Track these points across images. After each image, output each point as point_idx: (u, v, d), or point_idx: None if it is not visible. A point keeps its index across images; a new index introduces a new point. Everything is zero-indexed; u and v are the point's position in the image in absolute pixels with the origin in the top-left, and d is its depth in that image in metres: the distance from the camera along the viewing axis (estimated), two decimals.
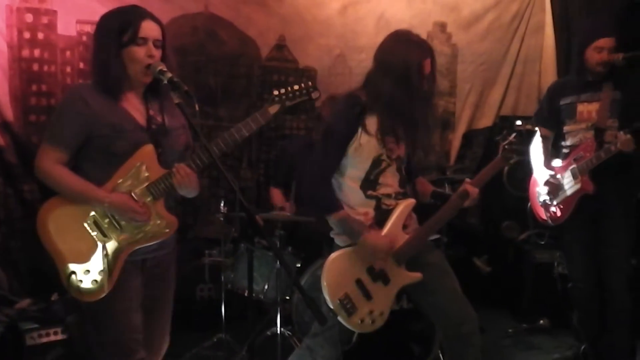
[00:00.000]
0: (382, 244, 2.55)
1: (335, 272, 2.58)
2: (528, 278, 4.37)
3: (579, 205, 3.32)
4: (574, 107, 3.37)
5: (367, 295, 2.61)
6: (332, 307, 2.55)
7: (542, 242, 4.39)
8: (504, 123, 4.99)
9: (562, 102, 3.42)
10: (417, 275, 2.64)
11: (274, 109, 2.33)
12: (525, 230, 4.66)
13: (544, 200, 3.48)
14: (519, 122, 4.69)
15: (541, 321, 4.25)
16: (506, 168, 4.38)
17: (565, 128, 3.41)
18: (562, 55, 5.08)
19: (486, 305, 2.69)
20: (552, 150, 3.53)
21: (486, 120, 5.22)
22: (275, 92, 2.34)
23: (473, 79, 5.14)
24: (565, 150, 3.42)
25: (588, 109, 3.34)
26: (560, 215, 3.41)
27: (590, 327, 3.49)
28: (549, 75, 5.17)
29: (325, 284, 2.55)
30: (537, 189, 3.55)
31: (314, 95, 2.37)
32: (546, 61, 5.20)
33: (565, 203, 3.38)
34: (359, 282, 2.60)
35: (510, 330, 4.23)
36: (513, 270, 4.57)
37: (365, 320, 2.61)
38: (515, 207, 4.65)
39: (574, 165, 3.31)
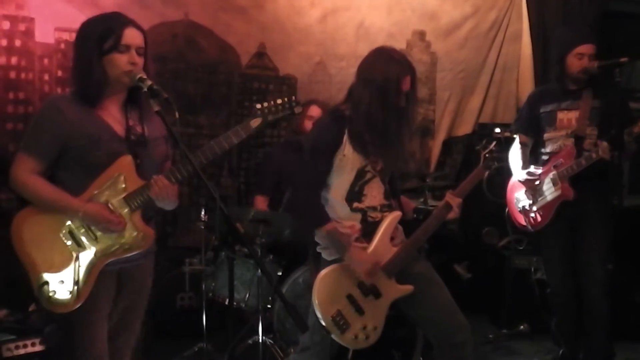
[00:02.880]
0: (366, 261, 2.55)
1: (326, 289, 2.56)
2: (508, 284, 4.41)
3: (557, 211, 3.36)
4: (554, 114, 3.41)
5: (360, 311, 2.60)
6: (325, 324, 2.53)
7: (521, 248, 4.43)
8: (482, 130, 5.04)
9: (542, 110, 3.46)
10: (408, 288, 2.64)
11: (255, 123, 2.31)
12: (504, 236, 4.69)
13: (523, 206, 3.51)
14: (497, 130, 4.75)
15: (521, 326, 4.28)
16: (486, 175, 4.42)
17: (545, 135, 3.45)
18: (539, 63, 5.14)
19: (466, 311, 2.70)
20: (530, 157, 3.56)
21: (465, 128, 5.26)
22: (258, 106, 2.33)
23: (452, 86, 5.19)
24: (544, 157, 3.46)
25: (568, 116, 3.38)
26: (541, 221, 3.44)
27: (568, 331, 3.53)
28: (527, 83, 5.23)
29: (317, 302, 2.53)
30: (516, 194, 3.59)
31: (297, 110, 2.36)
32: (523, 69, 5.26)
33: (545, 209, 3.41)
34: (350, 298, 2.59)
35: (490, 336, 4.26)
36: (493, 276, 4.60)
37: (359, 336, 2.59)
38: (495, 213, 4.68)
39: (554, 172, 3.34)
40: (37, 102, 3.98)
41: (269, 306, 3.66)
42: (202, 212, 3.70)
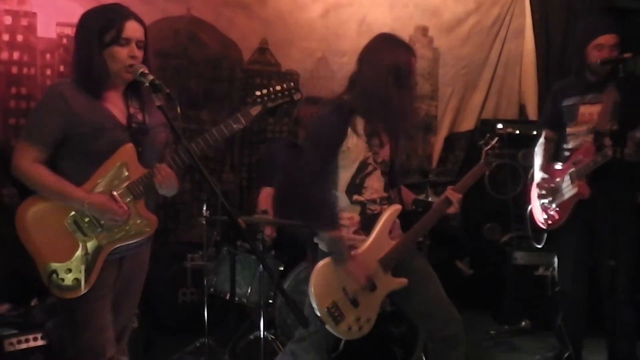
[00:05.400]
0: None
1: (322, 280, 2.57)
2: (509, 280, 4.40)
3: (575, 210, 3.25)
4: (576, 108, 3.27)
5: (354, 302, 2.61)
6: (319, 315, 2.54)
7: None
8: (485, 126, 5.03)
9: (564, 103, 3.33)
10: (402, 281, 2.65)
11: (255, 110, 2.32)
12: (506, 232, 4.70)
13: (543, 203, 3.42)
14: (500, 126, 4.80)
15: (523, 323, 4.27)
16: (487, 171, 4.40)
17: (568, 130, 3.32)
18: (542, 59, 5.13)
19: (468, 307, 2.71)
20: (557, 152, 3.43)
21: (468, 124, 5.25)
22: (257, 93, 2.34)
23: (454, 82, 5.18)
24: (566, 153, 3.34)
25: (590, 110, 3.24)
26: (558, 219, 3.34)
27: (574, 331, 3.43)
28: (529, 79, 5.22)
29: (313, 291, 2.54)
30: (538, 192, 3.46)
31: (296, 96, 2.37)
32: (526, 65, 5.26)
33: (562, 207, 3.31)
34: (345, 289, 2.60)
35: (492, 332, 4.25)
36: (495, 272, 4.60)
37: (352, 327, 2.60)
38: (497, 209, 4.69)
39: (572, 169, 3.23)
40: (39, 98, 3.97)
41: (270, 302, 3.66)
42: (204, 208, 3.70)
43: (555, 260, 3.49)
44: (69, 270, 2.19)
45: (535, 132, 4.81)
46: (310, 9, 4.76)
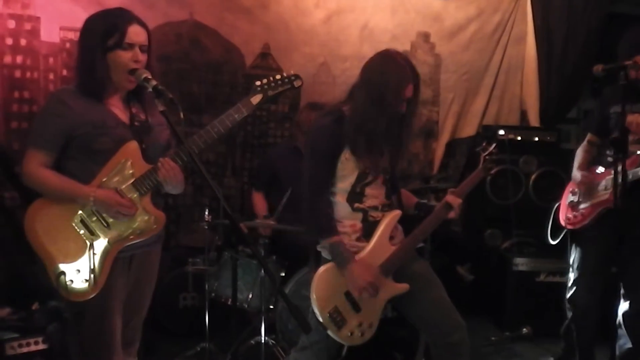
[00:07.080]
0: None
1: (324, 285, 2.57)
2: (510, 286, 4.40)
3: (603, 218, 3.17)
4: (625, 117, 3.12)
5: (356, 307, 2.61)
6: (321, 320, 2.54)
7: (525, 251, 4.24)
8: (486, 132, 5.04)
9: (612, 110, 3.24)
10: (404, 287, 2.64)
11: (256, 99, 2.32)
12: (508, 238, 4.70)
13: (571, 201, 3.36)
14: (501, 132, 4.80)
15: (524, 329, 4.27)
16: (488, 178, 4.40)
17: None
18: (543, 65, 5.14)
19: (469, 313, 2.70)
20: (599, 157, 3.35)
21: (469, 130, 5.25)
22: (258, 83, 2.34)
23: (456, 88, 5.18)
24: (609, 159, 3.23)
25: (638, 120, 3.13)
26: (581, 220, 3.28)
27: (585, 340, 3.39)
28: (531, 85, 5.22)
29: (314, 297, 2.54)
30: (572, 189, 3.42)
31: (297, 83, 2.38)
32: (528, 71, 5.26)
33: (590, 209, 3.25)
34: (347, 294, 2.60)
35: (493, 338, 4.25)
36: (496, 278, 4.60)
37: (354, 332, 2.61)
38: (498, 215, 4.69)
39: (611, 176, 3.09)
40: (42, 101, 3.98)
41: (271, 307, 3.66)
42: (206, 212, 3.71)
43: (572, 268, 3.40)
44: (78, 271, 2.20)
45: (536, 138, 4.85)
46: (312, 15, 4.77)
